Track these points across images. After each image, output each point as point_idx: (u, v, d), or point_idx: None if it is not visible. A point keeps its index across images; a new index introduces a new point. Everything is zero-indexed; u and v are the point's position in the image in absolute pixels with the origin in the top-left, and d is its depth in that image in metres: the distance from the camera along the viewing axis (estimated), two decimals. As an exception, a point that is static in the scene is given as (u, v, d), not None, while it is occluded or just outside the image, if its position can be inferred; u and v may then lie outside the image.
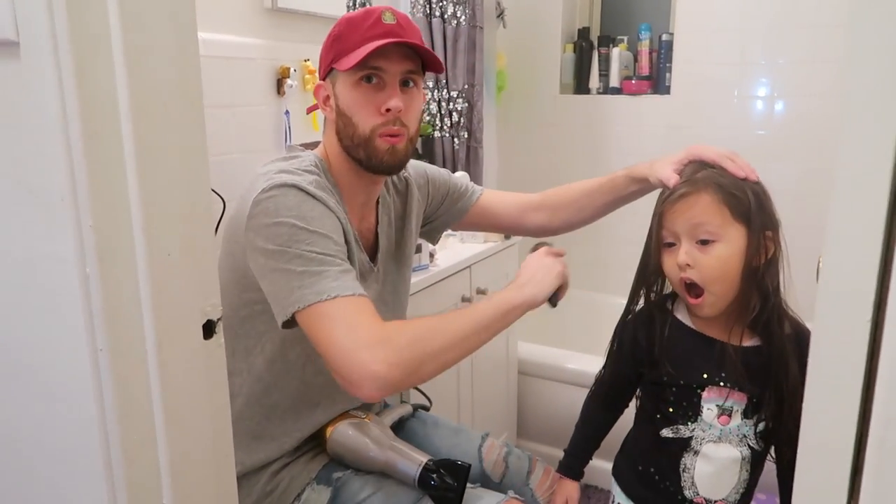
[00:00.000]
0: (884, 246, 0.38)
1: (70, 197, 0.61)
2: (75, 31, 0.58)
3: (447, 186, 1.37)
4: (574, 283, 1.13)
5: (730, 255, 0.99)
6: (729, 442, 1.05)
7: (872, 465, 0.37)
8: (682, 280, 1.02)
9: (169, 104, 0.65)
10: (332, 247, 0.99)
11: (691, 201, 1.00)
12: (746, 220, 0.99)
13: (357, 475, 1.15)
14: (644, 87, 2.74)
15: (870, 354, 0.39)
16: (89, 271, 0.62)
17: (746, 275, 0.99)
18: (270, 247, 0.97)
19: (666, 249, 1.05)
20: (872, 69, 0.40)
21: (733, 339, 1.04)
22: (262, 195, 1.00)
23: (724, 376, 1.04)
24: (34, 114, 0.62)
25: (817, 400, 0.42)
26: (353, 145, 1.10)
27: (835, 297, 0.41)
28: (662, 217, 1.04)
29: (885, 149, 0.39)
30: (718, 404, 1.05)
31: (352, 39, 1.08)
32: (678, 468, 1.07)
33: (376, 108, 1.08)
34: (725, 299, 1.02)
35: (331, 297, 0.93)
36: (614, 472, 1.21)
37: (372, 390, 0.91)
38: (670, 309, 1.12)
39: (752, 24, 2.50)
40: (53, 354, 0.68)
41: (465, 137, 2.28)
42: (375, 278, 1.21)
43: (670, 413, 1.08)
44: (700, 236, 0.99)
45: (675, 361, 1.08)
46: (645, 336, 1.12)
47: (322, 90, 1.14)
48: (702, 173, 1.03)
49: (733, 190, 1.00)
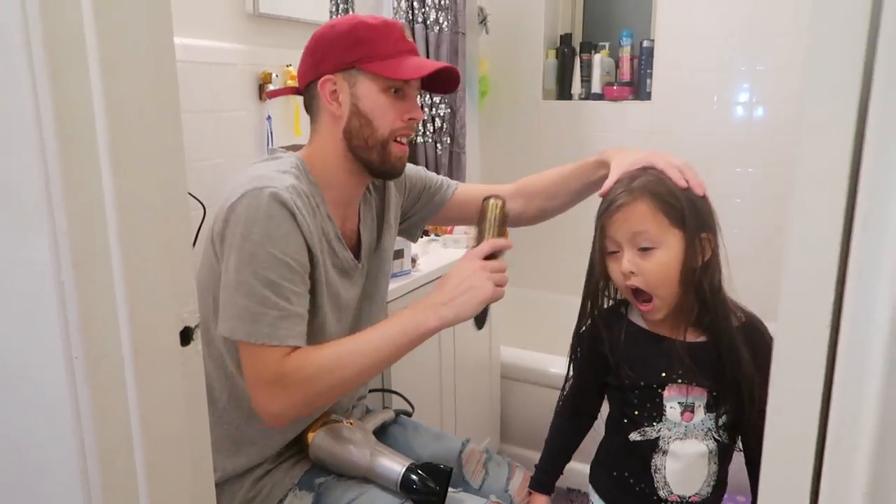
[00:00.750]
0: (841, 251, 0.39)
1: (44, 202, 0.61)
2: (49, 35, 0.58)
3: (423, 181, 1.38)
4: (556, 287, 1.12)
5: (669, 259, 1.02)
6: (695, 437, 1.07)
7: (829, 466, 0.38)
8: (629, 287, 1.06)
9: (145, 108, 0.65)
10: (287, 274, 1.02)
11: (628, 211, 1.03)
12: (682, 224, 1.02)
13: (339, 480, 1.15)
14: (625, 93, 2.76)
15: (830, 358, 0.40)
16: (64, 278, 0.62)
17: (686, 277, 1.03)
18: (233, 259, 1.01)
19: (610, 257, 1.08)
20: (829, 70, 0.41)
21: (680, 335, 1.07)
22: (239, 201, 1.02)
23: (681, 373, 1.07)
24: (7, 118, 0.61)
25: (780, 404, 0.43)
26: (365, 147, 1.13)
27: (796, 302, 0.42)
28: (604, 227, 1.07)
29: (842, 149, 0.40)
30: (680, 401, 1.07)
31: (382, 47, 1.11)
32: (650, 469, 1.09)
33: (398, 115, 1.13)
34: (671, 300, 1.05)
35: (256, 343, 1.00)
36: (591, 480, 1.22)
37: (272, 423, 1.05)
38: (624, 313, 1.15)
39: (732, 31, 2.53)
40: (28, 362, 0.68)
41: (447, 143, 2.29)
42: (360, 274, 1.23)
43: (636, 416, 1.10)
44: (640, 244, 1.03)
45: (634, 364, 1.10)
46: (602, 342, 1.14)
47: (330, 85, 1.12)
48: (637, 181, 1.05)
49: (667, 197, 1.03)
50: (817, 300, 0.40)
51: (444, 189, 1.40)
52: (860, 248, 0.36)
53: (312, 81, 1.14)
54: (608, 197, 1.08)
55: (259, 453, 1.16)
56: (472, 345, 2.08)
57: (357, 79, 1.12)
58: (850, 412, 0.36)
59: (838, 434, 0.37)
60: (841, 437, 0.36)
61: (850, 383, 0.36)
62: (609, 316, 1.16)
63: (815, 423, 0.40)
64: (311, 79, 1.14)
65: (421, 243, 1.90)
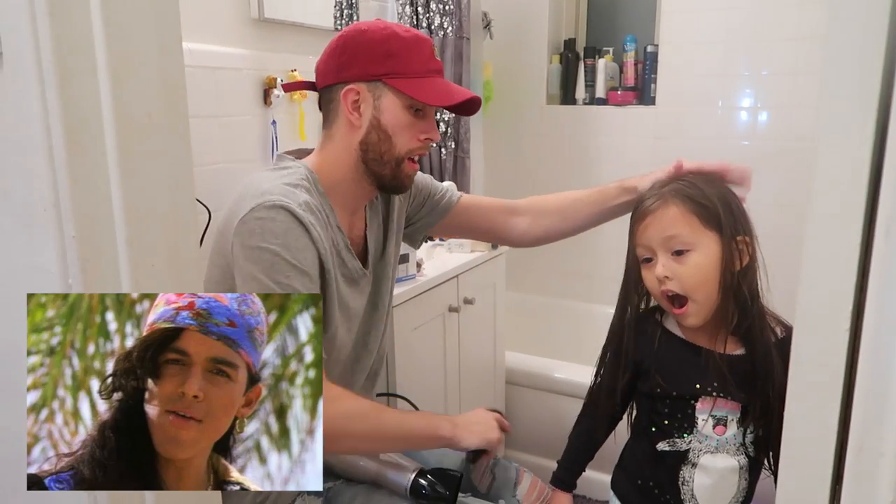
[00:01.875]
0: (861, 256, 0.38)
1: (53, 207, 0.61)
2: (58, 41, 0.58)
3: (429, 188, 1.37)
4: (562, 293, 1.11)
5: (706, 262, 1.00)
6: (726, 452, 1.05)
7: (851, 473, 0.37)
8: (664, 293, 1.03)
9: (153, 114, 0.65)
10: (308, 284, 1.01)
11: (659, 215, 1.02)
12: (717, 226, 1.00)
13: (348, 485, 1.15)
14: (629, 98, 2.76)
15: (849, 363, 0.40)
16: (72, 282, 0.62)
17: (725, 280, 1.00)
18: (251, 269, 0.99)
19: (644, 265, 1.06)
20: (848, 76, 0.41)
21: (718, 346, 1.04)
22: (250, 214, 1.00)
23: (716, 385, 1.04)
24: (16, 124, 0.61)
25: (798, 410, 0.43)
26: (380, 161, 1.12)
27: (814, 307, 0.41)
28: (635, 234, 1.06)
29: (862, 156, 0.39)
30: (713, 414, 1.04)
31: (412, 65, 1.10)
32: (677, 481, 1.07)
33: (416, 134, 1.13)
34: (709, 306, 1.02)
35: None
36: (613, 486, 1.20)
37: None
38: (659, 320, 1.13)
39: (737, 36, 2.52)
40: (35, 366, 0.67)
41: (452, 148, 2.29)
42: (367, 282, 1.22)
43: (665, 426, 1.07)
44: (674, 248, 1.01)
45: (667, 373, 1.07)
46: (635, 347, 1.11)
47: (353, 94, 1.10)
48: (669, 186, 1.05)
49: (699, 199, 1.01)
50: (836, 305, 0.40)
51: (447, 198, 1.39)
52: (883, 254, 0.35)
53: (334, 85, 1.12)
54: (639, 204, 1.07)
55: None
56: (476, 350, 2.08)
57: (382, 92, 1.10)
58: (873, 417, 0.35)
59: (861, 441, 0.36)
60: (864, 443, 0.36)
61: (873, 388, 0.36)
62: (642, 322, 1.13)
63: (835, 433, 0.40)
64: (333, 82, 1.12)
65: (425, 248, 1.90)
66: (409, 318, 1.67)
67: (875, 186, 0.38)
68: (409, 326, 1.68)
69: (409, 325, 1.68)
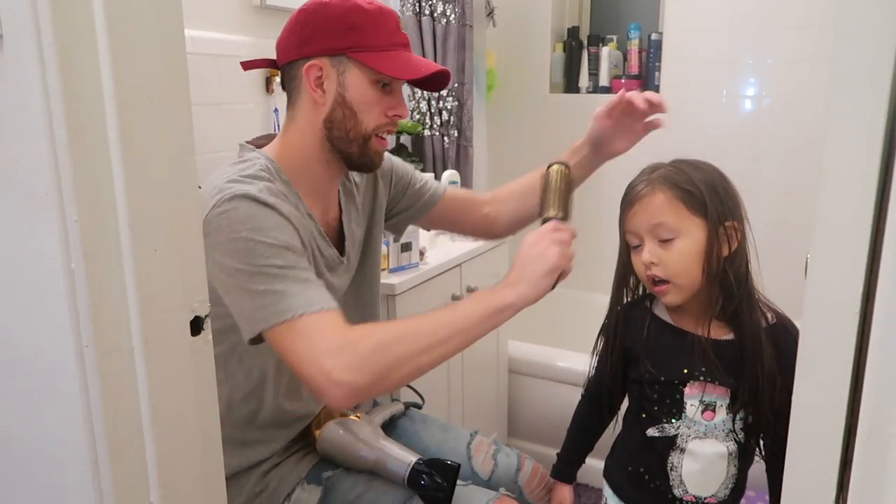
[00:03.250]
0: (872, 237, 0.38)
1: (54, 191, 0.60)
2: (59, 23, 0.57)
3: (409, 176, 1.34)
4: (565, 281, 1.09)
5: (691, 248, 1.02)
6: (715, 437, 1.06)
7: (861, 456, 0.37)
8: (650, 277, 1.05)
9: (155, 97, 0.64)
10: (291, 257, 0.96)
11: (646, 202, 1.04)
12: (703, 212, 1.01)
13: (347, 474, 1.15)
14: (633, 86, 2.74)
15: (858, 347, 0.39)
16: (74, 267, 0.62)
17: (710, 266, 1.02)
18: (230, 264, 0.94)
19: (634, 251, 1.08)
20: (858, 61, 0.40)
21: (703, 331, 1.05)
22: (213, 211, 0.96)
23: (704, 371, 1.05)
24: (17, 107, 0.61)
25: (806, 393, 0.42)
26: (346, 139, 1.08)
27: (823, 291, 0.41)
28: (624, 221, 1.08)
29: (874, 138, 0.39)
30: (701, 399, 1.05)
31: (377, 38, 1.05)
32: (665, 467, 1.08)
33: (384, 110, 1.08)
34: (689, 289, 1.04)
35: (295, 316, 0.92)
36: (605, 474, 1.21)
37: (339, 399, 0.91)
38: (649, 307, 1.14)
39: (741, 24, 2.51)
40: (38, 351, 0.67)
41: (454, 136, 2.28)
42: (346, 269, 1.19)
43: (654, 411, 1.08)
44: (661, 235, 1.03)
45: (655, 358, 1.09)
46: (624, 336, 1.13)
47: (316, 70, 1.05)
48: (657, 172, 1.06)
49: (686, 185, 1.02)
50: (846, 288, 0.39)
51: (433, 189, 1.36)
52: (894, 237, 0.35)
53: (295, 61, 1.07)
54: (628, 190, 1.08)
55: (267, 450, 1.15)
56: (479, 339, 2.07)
57: (346, 67, 1.05)
58: (885, 400, 0.35)
59: (871, 424, 0.36)
60: (875, 426, 0.35)
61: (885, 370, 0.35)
62: (632, 309, 1.15)
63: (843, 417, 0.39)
64: (294, 58, 1.07)
65: (428, 236, 1.89)
66: (412, 306, 1.67)
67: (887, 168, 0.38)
68: (412, 315, 1.68)
69: (412, 313, 1.68)
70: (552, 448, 1.32)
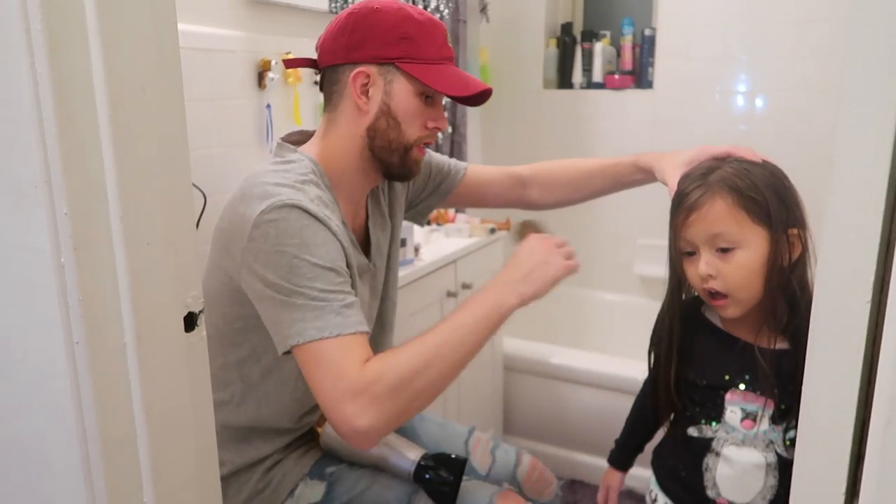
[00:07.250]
0: (884, 224, 0.37)
1: (44, 184, 0.59)
2: (48, 10, 0.56)
3: (429, 167, 1.33)
4: None
5: (752, 260, 0.94)
6: (754, 447, 1.01)
7: (875, 448, 0.36)
8: (706, 290, 0.99)
9: (147, 88, 0.63)
10: (334, 279, 0.95)
11: (705, 210, 0.95)
12: (767, 221, 0.94)
13: (351, 469, 1.14)
14: (627, 82, 2.74)
15: (870, 336, 0.39)
16: (64, 261, 0.60)
17: (772, 277, 0.95)
18: (270, 276, 0.93)
19: (686, 258, 1.01)
20: (871, 53, 0.39)
21: (761, 340, 1.00)
22: (262, 217, 0.94)
23: (749, 379, 1.01)
24: (5, 97, 0.59)
25: (816, 384, 0.41)
26: (388, 148, 1.07)
27: (834, 279, 0.40)
28: (678, 227, 0.99)
29: (885, 128, 0.38)
30: (743, 408, 1.01)
31: (428, 50, 1.05)
32: (700, 467, 1.05)
33: (425, 122, 1.08)
34: (751, 302, 0.98)
35: (332, 336, 0.91)
36: (653, 465, 1.19)
37: (362, 444, 0.92)
38: (699, 309, 1.10)
39: (734, 20, 2.51)
40: (28, 348, 0.66)
41: (449, 132, 2.27)
42: (371, 275, 1.18)
43: (696, 412, 1.06)
44: (719, 245, 0.95)
45: (700, 362, 1.05)
46: (673, 337, 1.08)
47: (363, 77, 1.04)
48: (714, 175, 0.97)
49: (749, 192, 0.94)
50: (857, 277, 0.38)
51: (451, 175, 1.35)
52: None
53: (341, 65, 1.06)
54: (680, 191, 1.00)
55: (269, 448, 1.14)
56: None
57: (394, 76, 1.04)
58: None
59: (889, 415, 0.35)
60: (892, 417, 0.34)
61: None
62: (684, 311, 1.09)
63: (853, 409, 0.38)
64: (341, 62, 1.05)
65: (423, 233, 1.88)
66: (407, 303, 1.66)
67: None
68: (407, 312, 1.67)
69: (407, 310, 1.67)
70: (548, 445, 1.31)
